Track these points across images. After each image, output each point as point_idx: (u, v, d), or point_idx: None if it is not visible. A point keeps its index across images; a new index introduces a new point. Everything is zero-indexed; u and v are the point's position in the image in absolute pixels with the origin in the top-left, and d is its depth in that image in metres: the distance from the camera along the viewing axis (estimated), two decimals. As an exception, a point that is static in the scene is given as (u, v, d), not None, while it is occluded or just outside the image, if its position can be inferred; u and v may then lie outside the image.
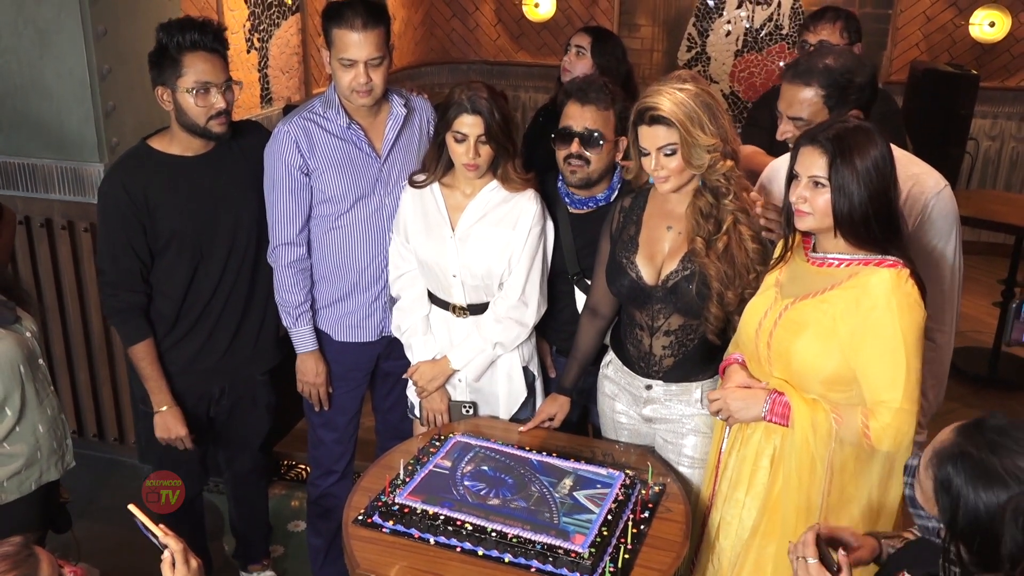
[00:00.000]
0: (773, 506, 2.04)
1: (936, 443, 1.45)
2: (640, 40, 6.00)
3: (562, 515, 2.04)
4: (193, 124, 2.40)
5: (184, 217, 2.45)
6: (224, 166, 2.51)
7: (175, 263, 2.49)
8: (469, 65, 6.33)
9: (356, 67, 2.39)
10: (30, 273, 3.44)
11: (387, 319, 2.65)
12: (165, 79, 2.37)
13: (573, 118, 2.39)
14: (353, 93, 2.43)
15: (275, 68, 4.47)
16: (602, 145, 2.38)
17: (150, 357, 2.52)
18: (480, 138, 2.33)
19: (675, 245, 2.25)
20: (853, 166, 1.83)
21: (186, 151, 2.47)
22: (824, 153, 1.85)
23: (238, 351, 2.65)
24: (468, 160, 2.35)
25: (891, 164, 1.87)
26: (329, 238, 2.58)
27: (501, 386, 2.55)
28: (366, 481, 2.21)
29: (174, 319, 2.54)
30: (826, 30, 3.06)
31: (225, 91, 2.39)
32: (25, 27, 3.12)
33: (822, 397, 1.96)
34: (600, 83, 2.42)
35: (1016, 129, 5.75)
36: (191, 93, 2.35)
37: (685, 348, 2.28)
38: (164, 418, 2.55)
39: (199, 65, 2.34)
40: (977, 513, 1.34)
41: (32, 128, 3.25)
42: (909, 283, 1.86)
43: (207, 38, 2.35)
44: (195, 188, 2.46)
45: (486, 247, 2.42)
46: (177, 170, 2.45)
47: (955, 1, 5.61)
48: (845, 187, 1.84)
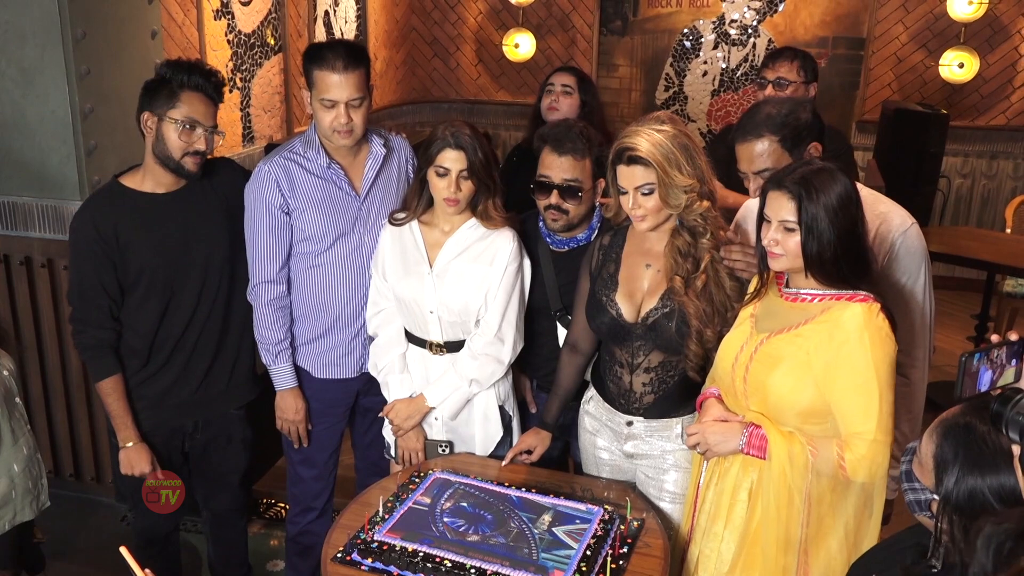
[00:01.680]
0: (752, 539, 2.05)
1: (945, 413, 1.44)
2: (619, 80, 6.11)
3: (541, 551, 2.04)
4: (168, 157, 2.42)
5: (154, 254, 2.45)
6: (195, 203, 2.52)
7: (145, 300, 2.48)
8: (450, 104, 6.41)
9: (337, 108, 2.42)
10: (9, 311, 3.42)
11: (366, 356, 2.66)
12: (156, 106, 2.41)
13: (551, 169, 2.42)
14: (334, 133, 2.46)
15: (257, 107, 4.51)
16: (580, 196, 2.42)
17: (117, 393, 2.51)
18: (462, 173, 2.36)
19: (654, 283, 2.27)
20: (820, 207, 1.87)
21: (157, 188, 2.48)
22: (792, 197, 1.89)
23: (211, 386, 2.64)
24: (449, 195, 2.37)
25: (857, 202, 1.91)
26: (309, 276, 2.59)
27: (477, 426, 2.55)
28: (345, 518, 2.20)
29: (146, 355, 2.54)
30: (784, 68, 3.13)
31: (209, 134, 2.43)
32: (8, 67, 3.14)
33: (798, 430, 1.98)
34: (576, 131, 2.45)
35: (986, 167, 5.87)
36: (177, 125, 2.39)
37: (665, 385, 2.29)
38: (128, 454, 2.53)
39: (195, 104, 2.40)
40: (972, 491, 1.35)
41: (13, 166, 3.26)
42: (880, 317, 1.90)
43: (209, 85, 2.42)
44: (166, 225, 2.47)
45: (463, 283, 2.44)
46: (148, 207, 2.46)
47: (925, 43, 5.75)
48: (814, 229, 1.87)
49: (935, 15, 5.67)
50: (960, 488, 1.36)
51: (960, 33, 5.62)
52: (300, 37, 4.80)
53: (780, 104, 2.24)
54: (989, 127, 5.81)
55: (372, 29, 5.70)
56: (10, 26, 3.10)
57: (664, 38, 5.99)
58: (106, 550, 3.31)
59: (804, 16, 5.75)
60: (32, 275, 3.39)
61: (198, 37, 3.97)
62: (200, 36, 3.98)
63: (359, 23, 5.54)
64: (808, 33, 5.75)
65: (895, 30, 5.78)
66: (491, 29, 6.28)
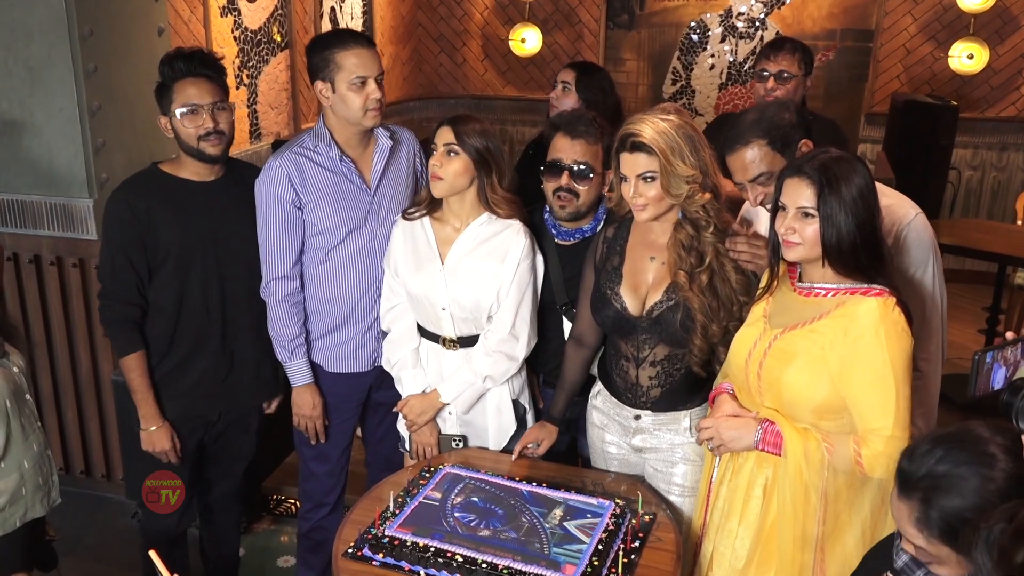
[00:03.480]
0: (768, 536, 2.04)
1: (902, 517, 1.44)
2: (626, 74, 6.09)
3: (552, 545, 2.04)
4: (188, 146, 2.47)
5: (183, 234, 2.50)
6: (228, 197, 2.56)
7: (170, 279, 2.52)
8: (457, 100, 6.40)
9: (368, 83, 2.44)
10: (18, 309, 3.43)
11: (379, 350, 2.66)
12: (164, 108, 2.48)
13: (563, 151, 2.41)
14: (367, 113, 2.47)
15: (264, 104, 4.51)
16: (591, 178, 2.41)
17: (140, 369, 2.53)
18: (450, 146, 2.36)
19: (658, 276, 2.26)
20: (840, 195, 1.85)
21: (193, 177, 2.53)
22: (812, 184, 1.87)
23: (239, 379, 2.66)
24: (435, 169, 2.37)
25: (875, 193, 1.90)
26: (321, 270, 2.59)
27: (491, 419, 2.54)
28: (356, 514, 2.20)
29: (170, 338, 2.56)
30: (786, 61, 3.13)
31: (215, 111, 2.46)
32: (16, 65, 3.14)
33: (813, 426, 1.96)
34: (588, 117, 2.45)
35: (996, 159, 5.84)
36: (181, 116, 2.44)
37: (672, 378, 2.28)
38: (151, 436, 2.57)
39: (187, 90, 2.44)
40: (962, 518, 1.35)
41: (22, 164, 3.26)
42: (896, 311, 1.88)
43: (194, 64, 2.45)
44: (196, 211, 2.52)
45: (474, 280, 2.43)
46: (182, 192, 2.52)
47: (934, 35, 5.72)
48: (833, 217, 1.85)
49: (944, 6, 5.63)
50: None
51: (969, 24, 5.58)
52: (306, 33, 4.79)
53: (761, 110, 2.23)
54: (999, 119, 5.77)
55: (378, 25, 5.70)
56: (17, 24, 3.10)
57: (671, 32, 5.96)
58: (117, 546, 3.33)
59: (812, 8, 5.72)
60: (41, 273, 3.39)
61: (205, 34, 3.97)
62: (207, 33, 3.98)
63: (365, 19, 5.53)
64: (816, 25, 5.72)
65: (904, 21, 5.74)
66: (497, 24, 6.27)
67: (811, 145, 2.18)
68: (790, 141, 2.15)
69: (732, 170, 2.21)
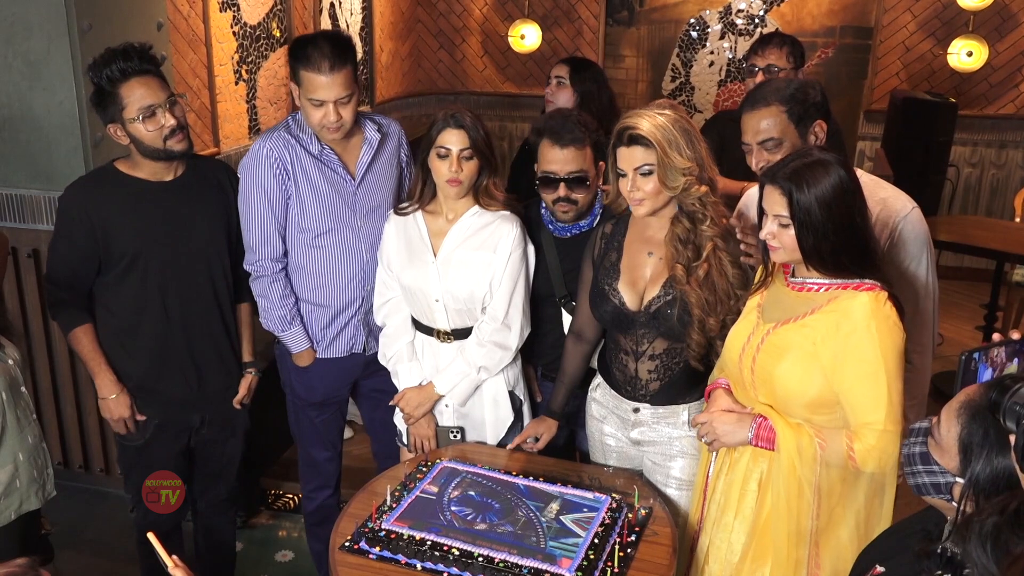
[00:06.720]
0: (763, 530, 2.05)
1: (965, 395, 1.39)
2: (625, 71, 6.09)
3: (549, 539, 2.04)
4: (153, 150, 2.38)
5: (136, 237, 2.43)
6: (186, 196, 2.49)
7: (122, 280, 2.46)
8: (456, 96, 6.40)
9: (325, 106, 2.42)
10: (16, 303, 3.43)
11: (360, 337, 2.68)
12: (112, 116, 2.35)
13: (554, 163, 2.41)
14: (323, 129, 2.47)
15: (263, 99, 4.51)
16: (588, 184, 2.42)
17: (88, 337, 2.48)
18: (463, 152, 2.36)
19: (656, 271, 2.27)
20: (812, 200, 1.84)
21: (150, 177, 2.46)
22: (783, 192, 1.88)
23: (211, 380, 2.62)
24: (451, 175, 2.36)
25: (854, 192, 1.88)
26: (307, 257, 2.60)
27: (488, 412, 2.55)
28: (353, 507, 2.21)
29: (130, 336, 2.51)
30: (774, 55, 3.14)
31: (171, 108, 2.36)
32: (15, 59, 3.14)
33: (806, 421, 1.97)
34: (572, 119, 2.44)
35: (995, 156, 5.84)
36: (138, 121, 2.33)
37: (671, 372, 2.29)
38: (107, 404, 2.52)
39: (136, 91, 2.31)
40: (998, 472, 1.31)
41: (20, 159, 3.26)
42: (888, 306, 1.88)
43: (132, 63, 2.31)
44: (152, 212, 2.45)
45: (467, 271, 2.43)
46: (139, 193, 2.44)
47: (934, 32, 5.72)
48: (807, 223, 1.86)
49: (943, 3, 5.64)
50: (987, 469, 1.32)
51: (969, 21, 5.58)
52: (306, 29, 4.79)
53: (790, 83, 2.26)
54: (998, 116, 5.78)
55: (378, 21, 5.70)
56: (16, 18, 3.10)
57: (670, 28, 5.96)
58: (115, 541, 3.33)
59: (811, 5, 5.71)
60: (40, 267, 3.39)
61: (204, 29, 3.96)
62: (206, 28, 3.97)
63: (364, 15, 5.53)
64: (815, 22, 5.72)
65: (903, 19, 5.74)
66: (497, 20, 6.26)
67: (824, 127, 2.21)
68: (807, 117, 2.18)
69: (744, 129, 2.24)
